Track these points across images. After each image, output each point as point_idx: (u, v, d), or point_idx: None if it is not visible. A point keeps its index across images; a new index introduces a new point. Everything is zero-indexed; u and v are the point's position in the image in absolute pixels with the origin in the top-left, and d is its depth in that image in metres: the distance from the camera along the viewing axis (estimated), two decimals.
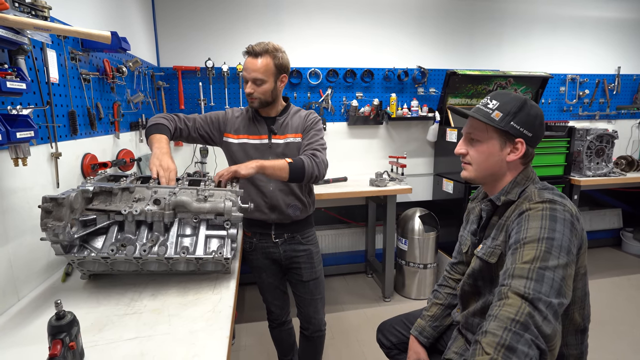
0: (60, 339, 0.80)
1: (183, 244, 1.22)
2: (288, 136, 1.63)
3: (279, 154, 1.61)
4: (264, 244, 1.72)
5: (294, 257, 1.74)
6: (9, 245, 1.15)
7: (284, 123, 1.65)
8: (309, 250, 1.76)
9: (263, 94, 1.56)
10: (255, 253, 1.76)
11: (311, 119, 1.66)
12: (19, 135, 0.94)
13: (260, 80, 1.53)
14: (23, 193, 1.22)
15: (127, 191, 1.24)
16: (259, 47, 1.54)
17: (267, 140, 1.63)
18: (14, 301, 1.17)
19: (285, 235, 1.70)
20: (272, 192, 1.63)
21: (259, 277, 1.82)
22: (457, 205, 3.02)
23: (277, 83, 1.59)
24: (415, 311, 1.50)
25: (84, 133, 1.65)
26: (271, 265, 1.78)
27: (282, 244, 1.72)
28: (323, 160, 1.55)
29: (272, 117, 1.66)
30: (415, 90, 3.32)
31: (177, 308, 1.12)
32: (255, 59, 1.53)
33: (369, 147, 3.35)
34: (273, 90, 1.58)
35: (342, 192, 2.70)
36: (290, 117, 1.67)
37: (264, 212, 1.65)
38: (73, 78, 1.58)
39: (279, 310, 1.89)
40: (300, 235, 1.73)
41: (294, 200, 1.66)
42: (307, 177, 1.49)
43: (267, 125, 1.64)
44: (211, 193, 1.27)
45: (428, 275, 3.01)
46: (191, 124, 1.66)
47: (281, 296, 1.87)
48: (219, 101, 3.03)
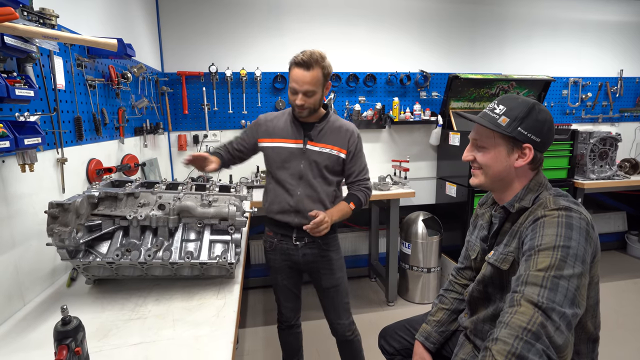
0: (66, 344, 0.80)
1: (187, 248, 1.22)
2: (325, 146, 1.64)
3: (311, 160, 1.63)
4: (284, 245, 1.73)
5: (312, 263, 1.74)
6: (15, 250, 1.16)
7: (322, 131, 1.65)
8: (329, 256, 1.74)
9: (313, 104, 1.57)
10: (274, 253, 1.77)
11: (355, 140, 1.68)
12: (26, 142, 0.95)
13: (312, 92, 1.54)
14: (29, 198, 1.23)
15: (132, 196, 1.25)
16: (308, 57, 1.51)
17: (302, 145, 1.64)
18: (20, 306, 1.18)
19: (305, 239, 1.70)
20: (299, 196, 1.64)
21: (275, 278, 1.82)
22: (461, 209, 3.01)
23: (323, 91, 1.60)
24: (418, 316, 1.49)
25: (89, 138, 1.67)
26: (289, 267, 1.78)
27: (302, 247, 1.71)
28: (370, 188, 1.74)
29: (311, 122, 1.66)
30: (417, 94, 3.33)
31: (182, 313, 1.13)
32: (307, 72, 1.51)
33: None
34: (321, 98, 1.60)
35: None
36: (329, 125, 1.67)
37: (288, 215, 1.66)
38: (79, 84, 1.60)
39: (289, 313, 1.89)
40: (320, 240, 1.71)
41: (320, 207, 1.65)
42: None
43: (304, 130, 1.65)
44: (215, 198, 1.28)
45: (432, 279, 3.00)
46: (230, 147, 1.78)
47: (293, 299, 1.87)
48: (223, 106, 3.05)
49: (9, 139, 0.88)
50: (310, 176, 1.64)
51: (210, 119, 3.03)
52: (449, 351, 1.31)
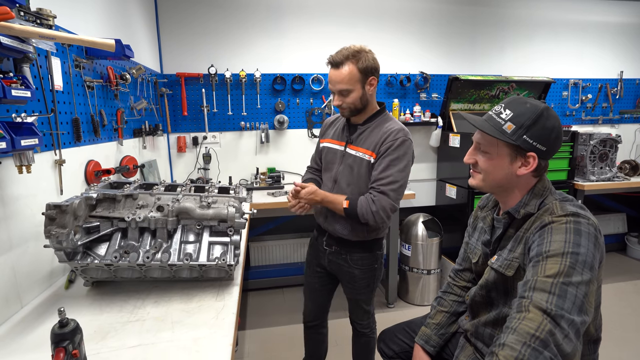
0: (63, 347, 0.79)
1: (186, 250, 1.21)
2: (360, 150, 1.51)
3: (348, 166, 1.55)
4: (317, 246, 1.75)
5: (336, 271, 1.72)
6: (12, 252, 1.15)
7: (363, 134, 1.53)
8: (352, 273, 1.65)
9: (352, 103, 1.46)
10: (311, 249, 1.81)
11: (389, 140, 1.43)
12: (23, 143, 0.94)
13: (347, 90, 1.44)
14: (26, 200, 1.22)
15: (131, 198, 1.25)
16: (339, 55, 1.43)
17: (343, 148, 1.58)
18: (17, 308, 1.17)
19: (333, 247, 1.67)
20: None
21: (305, 271, 1.85)
22: (461, 210, 3.00)
23: (365, 88, 1.46)
24: (417, 319, 1.49)
25: (87, 140, 1.66)
26: (318, 266, 1.77)
27: (329, 254, 1.69)
28: (382, 208, 1.41)
29: (355, 124, 1.57)
30: (417, 95, 3.33)
31: (181, 315, 1.12)
32: (338, 70, 1.43)
33: None
34: (362, 96, 1.46)
35: None
36: (373, 128, 1.52)
37: (320, 217, 1.67)
38: (77, 85, 1.59)
39: (308, 313, 1.88)
40: (348, 255, 1.63)
41: (344, 218, 1.54)
42: (363, 222, 1.45)
43: (348, 133, 1.59)
44: (214, 199, 1.27)
45: (432, 281, 2.99)
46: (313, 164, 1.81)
47: (315, 299, 1.84)
48: (222, 108, 3.04)
49: (5, 139, 0.87)
50: (343, 182, 1.55)
51: (209, 120, 3.03)
52: (449, 353, 1.30)
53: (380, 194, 1.42)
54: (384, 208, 1.41)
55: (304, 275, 1.88)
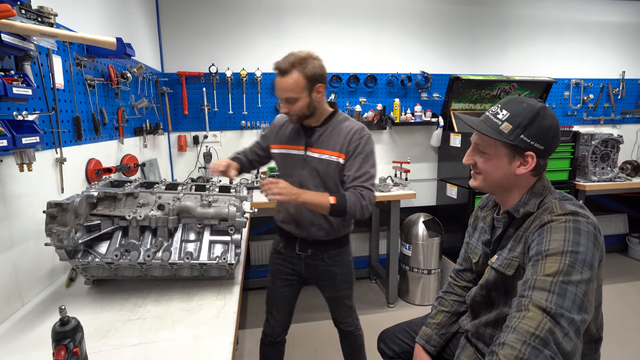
0: (64, 344, 0.79)
1: (187, 249, 1.21)
2: (324, 152, 1.50)
3: (312, 168, 1.52)
4: (288, 252, 1.67)
5: (315, 274, 1.68)
6: (13, 250, 1.16)
7: (322, 136, 1.51)
8: (332, 271, 1.65)
9: (299, 110, 1.44)
10: (277, 258, 1.72)
11: (356, 140, 1.46)
12: (24, 141, 0.94)
13: (293, 98, 1.41)
14: (27, 198, 1.22)
15: (132, 196, 1.25)
16: (285, 62, 1.39)
17: (303, 152, 1.54)
18: (19, 306, 1.17)
19: (309, 250, 1.63)
20: (298, 207, 1.55)
21: (272, 283, 1.73)
22: (462, 210, 3.00)
23: (312, 96, 1.44)
24: (417, 319, 1.48)
25: (88, 138, 1.66)
26: (289, 274, 1.70)
27: (305, 258, 1.65)
28: (370, 201, 1.45)
29: (312, 127, 1.54)
30: (418, 95, 3.33)
31: (181, 314, 1.12)
32: (284, 77, 1.39)
33: None
34: (309, 104, 1.44)
35: None
36: (331, 129, 1.51)
37: (289, 225, 1.62)
38: (78, 84, 1.59)
39: (278, 327, 1.76)
40: (325, 255, 1.63)
41: (321, 219, 1.55)
42: (348, 217, 1.48)
43: (305, 136, 1.54)
44: (215, 198, 1.27)
45: (432, 281, 2.99)
46: (248, 151, 1.77)
47: (285, 312, 1.75)
48: (223, 107, 3.04)
49: (7, 137, 0.87)
50: (311, 185, 1.52)
51: (210, 119, 3.03)
52: (450, 353, 1.30)
53: (366, 190, 1.44)
54: (372, 201, 1.46)
55: (268, 290, 1.76)
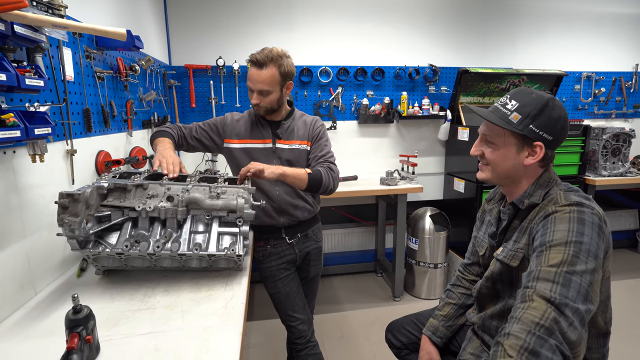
0: (77, 332, 0.81)
1: (196, 240, 1.22)
2: (293, 142, 1.64)
3: (283, 160, 1.61)
4: (278, 248, 1.69)
5: (307, 255, 1.76)
6: (26, 240, 1.18)
7: (289, 128, 1.64)
8: (319, 246, 1.81)
9: (270, 103, 1.55)
10: (268, 261, 1.70)
11: (318, 127, 1.67)
12: (37, 132, 0.95)
13: (267, 91, 1.51)
14: (40, 189, 1.24)
15: (141, 188, 1.26)
16: (263, 56, 1.48)
17: (271, 145, 1.63)
18: (32, 295, 1.20)
19: (298, 234, 1.71)
20: (278, 195, 1.62)
21: (275, 288, 1.70)
22: (469, 204, 2.99)
23: (282, 91, 1.56)
24: (425, 311, 1.49)
25: (98, 130, 1.68)
26: (287, 269, 1.71)
27: (297, 244, 1.71)
28: (338, 174, 1.61)
29: (277, 121, 1.65)
30: (426, 88, 3.30)
31: (190, 304, 1.13)
32: (260, 70, 1.48)
33: (380, 146, 3.34)
34: (280, 98, 1.57)
35: (353, 190, 2.69)
36: (295, 122, 1.66)
37: (272, 217, 1.64)
38: (88, 76, 1.60)
39: (302, 325, 1.68)
40: (311, 231, 1.76)
41: (301, 202, 1.66)
42: (323, 189, 1.54)
43: (271, 130, 1.64)
44: (224, 190, 1.28)
45: (438, 275, 2.99)
46: (187, 132, 1.68)
47: (303, 304, 1.72)
48: (230, 99, 3.05)
49: (20, 128, 0.88)
50: None
51: (217, 112, 3.03)
52: (457, 346, 1.31)
53: (332, 164, 1.61)
54: (338, 174, 1.61)
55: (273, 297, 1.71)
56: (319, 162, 1.60)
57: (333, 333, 2.55)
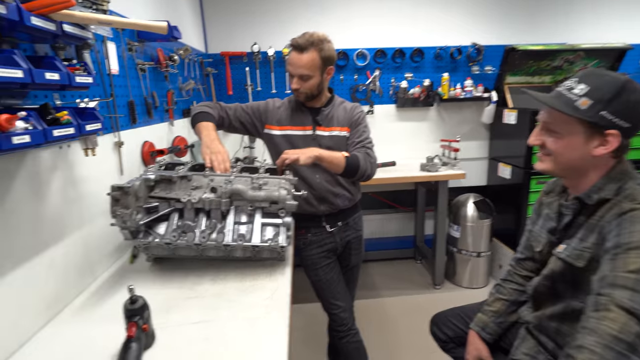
0: (134, 321, 0.85)
1: (239, 231, 1.24)
2: (334, 129, 1.61)
3: (324, 147, 1.57)
4: (318, 237, 1.68)
5: (347, 243, 1.75)
6: (83, 229, 1.25)
7: (329, 115, 1.62)
8: (359, 235, 1.79)
9: (310, 89, 1.53)
10: (308, 249, 1.70)
11: (357, 113, 1.64)
12: (88, 128, 0.99)
13: (307, 76, 1.49)
14: (93, 180, 1.30)
15: (185, 179, 1.29)
16: (304, 40, 1.46)
17: (311, 132, 1.61)
18: (91, 280, 1.28)
19: (338, 223, 1.69)
20: (319, 183, 1.61)
21: (316, 276, 1.70)
22: (515, 191, 2.83)
23: (323, 76, 1.54)
24: (473, 304, 1.44)
25: (142, 121, 1.73)
26: (327, 258, 1.70)
27: (338, 232, 1.70)
28: (376, 160, 1.59)
29: (317, 107, 1.63)
30: (469, 69, 3.13)
31: (237, 294, 1.16)
32: (301, 54, 1.47)
33: (418, 130, 3.23)
34: (320, 84, 1.54)
35: (392, 177, 2.64)
36: (335, 108, 1.64)
37: (312, 205, 1.63)
38: (131, 69, 1.64)
39: (343, 312, 1.69)
40: (352, 220, 1.74)
41: (341, 190, 1.65)
42: (360, 174, 1.52)
43: (311, 116, 1.62)
44: (265, 181, 1.29)
45: (481, 264, 2.89)
46: (232, 112, 1.67)
47: (343, 292, 1.72)
48: (266, 86, 3.04)
49: (74, 125, 0.92)
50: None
51: (254, 99, 3.05)
52: (507, 343, 1.26)
53: (370, 150, 1.59)
54: (376, 160, 1.59)
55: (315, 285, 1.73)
56: (356, 147, 1.58)
57: (373, 319, 2.55)
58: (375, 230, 3.42)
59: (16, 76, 0.76)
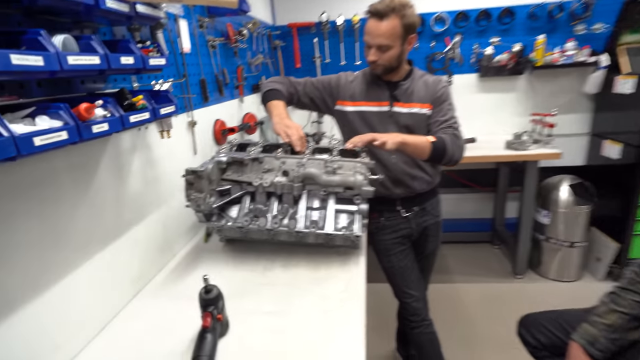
0: (209, 312, 0.84)
1: (312, 217, 1.19)
2: (413, 105, 1.45)
3: (401, 125, 1.45)
4: (392, 221, 1.57)
5: (424, 230, 1.62)
6: (162, 209, 1.29)
7: (409, 89, 1.46)
8: (437, 222, 1.65)
9: (388, 60, 1.37)
10: (381, 233, 1.60)
11: (441, 88, 1.46)
12: (162, 111, 0.98)
13: (386, 46, 1.33)
14: (168, 160, 1.33)
15: (257, 161, 1.26)
16: (384, 6, 1.30)
17: (388, 108, 1.46)
18: (170, 257, 1.34)
19: (414, 208, 1.56)
20: (395, 164, 1.47)
21: (389, 262, 1.62)
22: (625, 173, 2.42)
23: (404, 46, 1.37)
24: (573, 310, 1.25)
25: (213, 100, 1.73)
26: (401, 244, 1.60)
27: (413, 218, 1.57)
28: (464, 143, 1.42)
29: (395, 81, 1.47)
30: (571, 28, 2.66)
31: (309, 283, 1.12)
32: (380, 22, 1.31)
33: (503, 103, 2.88)
34: (400, 55, 1.38)
35: (473, 156, 2.39)
36: (415, 82, 1.48)
37: (386, 187, 1.50)
38: (202, 46, 1.63)
39: (417, 303, 1.61)
40: (429, 205, 1.60)
41: (420, 172, 1.51)
42: (446, 159, 1.36)
43: (388, 91, 1.47)
44: (340, 165, 1.20)
45: (575, 255, 2.56)
46: (301, 88, 1.57)
47: (416, 281, 1.63)
48: (335, 57, 2.91)
49: (149, 109, 0.91)
50: None
51: (322, 72, 2.94)
52: None
53: (456, 130, 1.41)
54: (464, 143, 1.44)
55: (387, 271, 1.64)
56: (440, 127, 1.41)
57: (446, 306, 2.41)
58: (449, 210, 3.16)
59: (94, 63, 0.75)
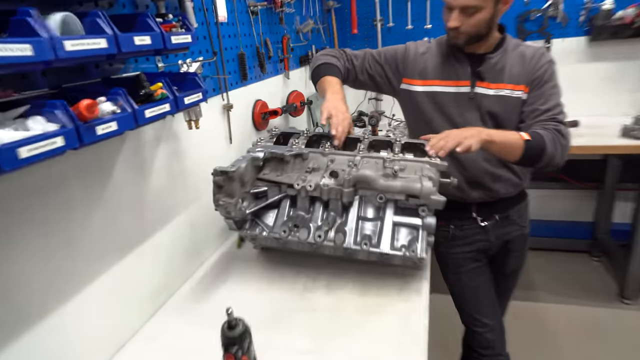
0: (232, 353, 0.78)
1: (364, 231, 1.09)
2: (503, 86, 1.27)
3: (484, 111, 1.28)
4: (465, 231, 1.43)
5: (506, 244, 1.45)
6: (190, 208, 1.26)
7: (498, 65, 1.27)
8: (523, 233, 1.47)
9: (475, 27, 1.19)
10: (450, 245, 1.47)
11: (544, 65, 1.26)
12: (187, 101, 0.91)
13: (474, 7, 1.15)
14: (198, 152, 1.28)
15: (300, 158, 1.17)
16: None
17: (468, 89, 1.29)
18: (198, 265, 1.31)
19: (496, 216, 1.39)
20: (474, 162, 1.31)
21: (458, 280, 1.49)
22: None
23: (497, 7, 1.18)
24: None
25: (253, 77, 1.66)
26: (476, 260, 1.46)
27: (493, 228, 1.41)
28: (569, 142, 1.23)
29: (481, 54, 1.29)
30: None
31: (357, 314, 1.03)
32: None
33: (622, 75, 2.50)
34: (490, 19, 1.19)
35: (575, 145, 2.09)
36: (507, 55, 1.29)
37: (461, 189, 1.34)
38: (241, 13, 1.55)
39: (489, 333, 1.46)
40: (515, 212, 1.43)
41: (505, 172, 1.34)
42: (544, 162, 1.18)
43: (470, 67, 1.29)
44: (403, 166, 1.07)
45: None
46: (359, 63, 1.43)
47: (491, 306, 1.49)
48: (400, 20, 2.70)
49: (169, 100, 0.84)
50: None
51: (383, 38, 2.75)
52: None
53: (561, 125, 1.22)
54: (569, 142, 1.23)
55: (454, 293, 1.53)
56: (539, 119, 1.23)
57: (528, 332, 2.21)
58: (537, 209, 2.90)
59: (99, 47, 0.68)
